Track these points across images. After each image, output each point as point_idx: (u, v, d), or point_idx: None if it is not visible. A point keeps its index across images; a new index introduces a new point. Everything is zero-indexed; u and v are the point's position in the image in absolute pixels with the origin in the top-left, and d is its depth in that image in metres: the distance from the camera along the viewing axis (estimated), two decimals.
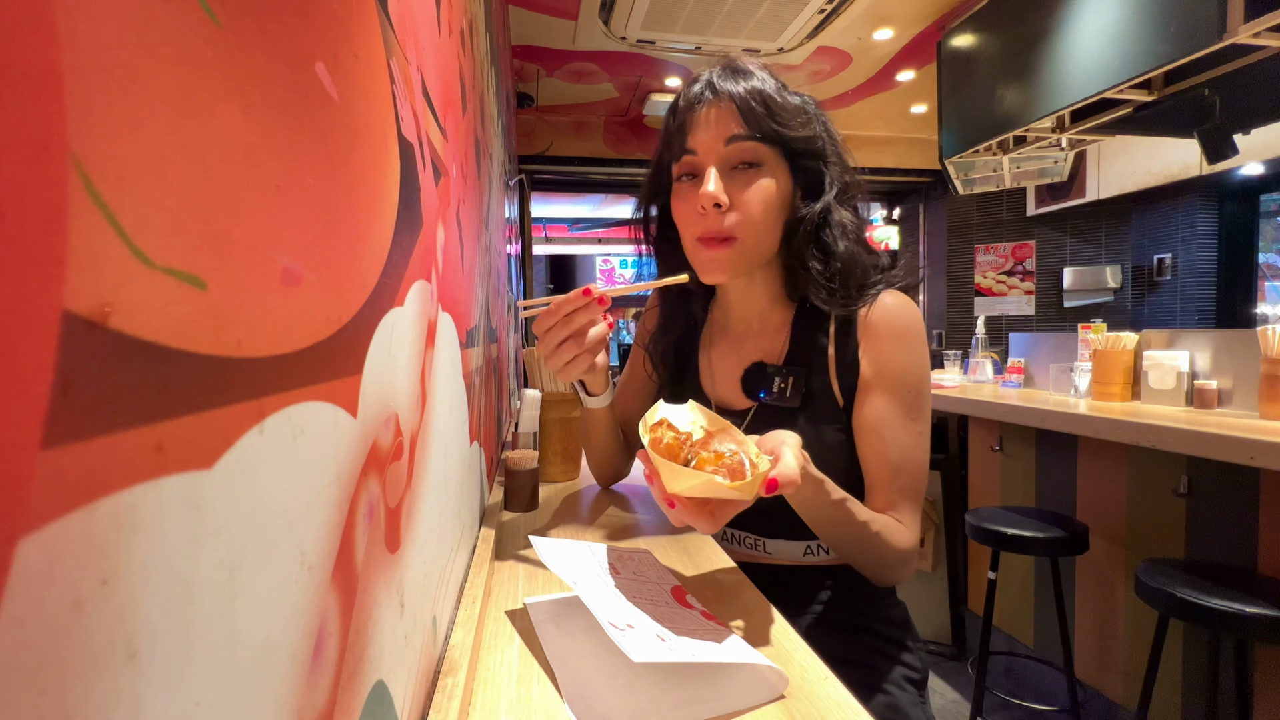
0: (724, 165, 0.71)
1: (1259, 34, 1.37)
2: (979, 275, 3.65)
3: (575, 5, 2.21)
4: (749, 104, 0.70)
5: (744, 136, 0.70)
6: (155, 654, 0.14)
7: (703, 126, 0.71)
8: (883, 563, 0.69)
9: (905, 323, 0.73)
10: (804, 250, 0.74)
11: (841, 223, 0.74)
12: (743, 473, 0.50)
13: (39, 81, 0.11)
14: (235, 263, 0.17)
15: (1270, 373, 1.41)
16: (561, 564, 0.55)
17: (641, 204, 0.84)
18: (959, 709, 1.94)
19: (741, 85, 0.70)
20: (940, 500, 2.29)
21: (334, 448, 0.24)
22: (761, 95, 0.70)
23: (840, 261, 0.73)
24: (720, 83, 0.71)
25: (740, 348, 0.82)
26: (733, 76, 0.72)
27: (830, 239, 0.74)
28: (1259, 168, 2.79)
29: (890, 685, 0.69)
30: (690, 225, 0.73)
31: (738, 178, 0.71)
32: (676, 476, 0.49)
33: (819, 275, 0.74)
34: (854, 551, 0.69)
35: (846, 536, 0.67)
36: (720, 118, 0.70)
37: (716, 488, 0.48)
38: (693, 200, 0.72)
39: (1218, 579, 1.24)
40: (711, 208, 0.70)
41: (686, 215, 0.73)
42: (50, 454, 0.11)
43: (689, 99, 0.73)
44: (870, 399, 0.72)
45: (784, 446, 0.53)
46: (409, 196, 0.38)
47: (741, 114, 0.70)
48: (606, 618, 0.46)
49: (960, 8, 2.25)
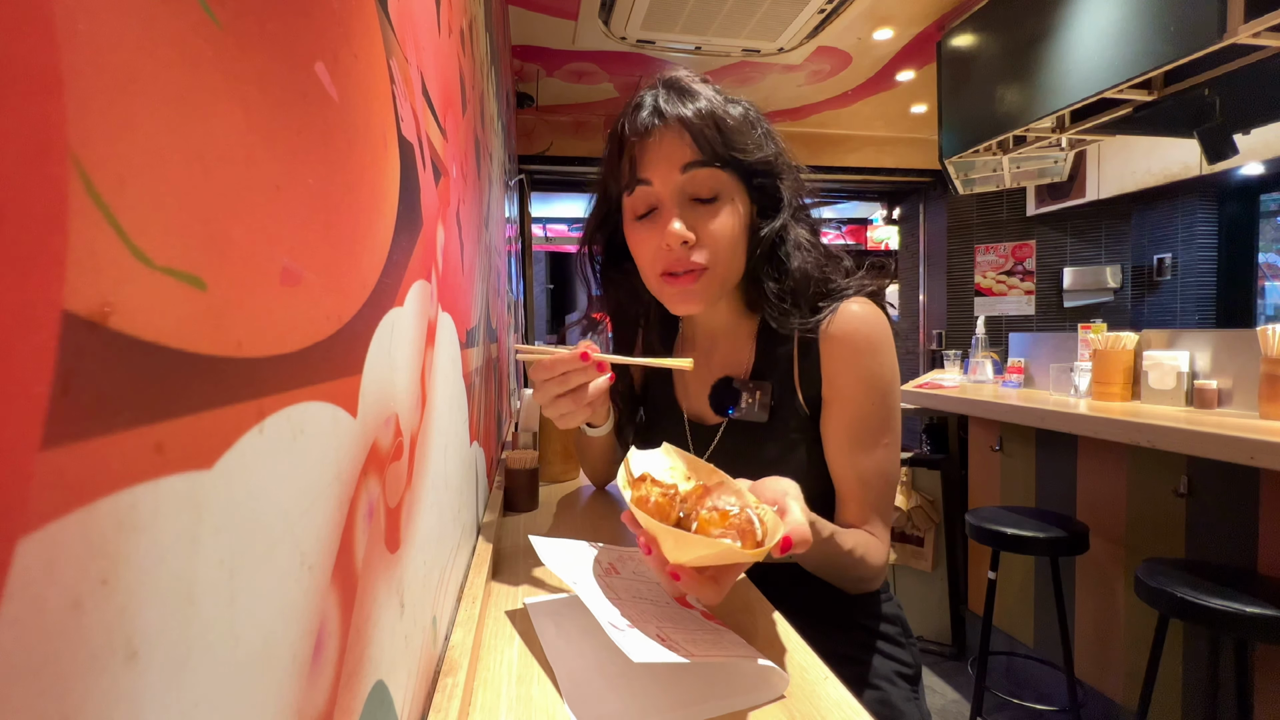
0: (682, 195, 0.68)
1: (1259, 34, 1.37)
2: (979, 275, 3.65)
3: (575, 5, 2.20)
4: (700, 129, 0.67)
5: (700, 163, 0.67)
6: (155, 654, 0.14)
7: (655, 155, 0.68)
8: (860, 579, 0.69)
9: (867, 334, 0.70)
10: (759, 269, 0.72)
11: (797, 240, 0.72)
12: (753, 532, 0.45)
13: (39, 81, 0.11)
14: (235, 263, 0.17)
15: (1270, 373, 1.41)
16: (561, 564, 0.55)
17: (589, 238, 0.80)
18: (959, 709, 1.94)
19: (690, 107, 0.67)
20: (940, 500, 2.29)
21: (334, 448, 0.24)
22: (713, 117, 0.67)
23: (794, 279, 0.71)
24: (667, 106, 0.67)
25: (709, 361, 0.80)
26: (678, 98, 0.68)
27: (785, 255, 0.72)
28: (1259, 168, 2.79)
29: (882, 681, 0.69)
30: (652, 261, 0.70)
31: (699, 209, 0.68)
32: (683, 546, 0.43)
33: (773, 295, 0.71)
34: (835, 574, 0.69)
35: (833, 565, 0.66)
36: (672, 145, 0.67)
37: (732, 554, 0.42)
38: (653, 236, 0.69)
39: (1218, 579, 1.24)
40: (678, 245, 0.67)
41: (648, 251, 0.70)
42: (50, 454, 0.11)
43: (636, 128, 0.68)
44: (836, 412, 0.71)
45: (788, 499, 0.49)
46: (409, 196, 0.38)
47: (694, 138, 0.67)
48: (606, 618, 0.45)
49: (960, 8, 2.25)
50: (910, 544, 2.32)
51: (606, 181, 0.74)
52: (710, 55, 2.56)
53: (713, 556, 0.43)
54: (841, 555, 0.64)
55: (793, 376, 0.73)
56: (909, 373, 3.85)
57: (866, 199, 4.37)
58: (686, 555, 0.43)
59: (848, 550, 0.64)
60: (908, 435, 3.41)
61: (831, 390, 0.71)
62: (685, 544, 0.43)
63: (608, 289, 0.82)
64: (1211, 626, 1.15)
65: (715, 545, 0.42)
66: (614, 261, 0.80)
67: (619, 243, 0.77)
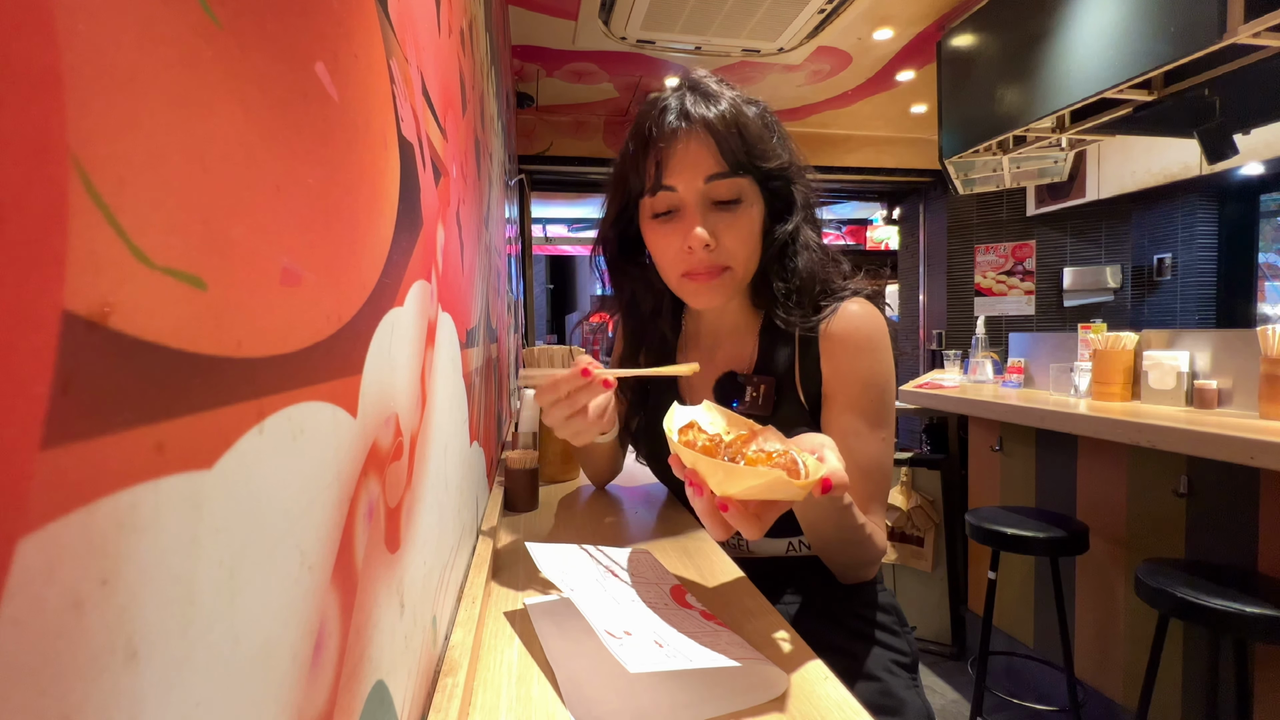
0: (704, 200, 0.71)
1: (1259, 34, 1.37)
2: (979, 275, 3.65)
3: (575, 5, 2.20)
4: (724, 137, 0.69)
5: (724, 174, 0.69)
6: (155, 654, 0.14)
7: (680, 161, 0.70)
8: (863, 562, 0.72)
9: (866, 333, 0.73)
10: (770, 268, 0.76)
11: (806, 241, 0.76)
12: (798, 470, 0.47)
13: (39, 81, 0.11)
14: (235, 263, 0.17)
15: (1270, 373, 1.41)
16: (557, 571, 0.54)
17: (606, 231, 0.82)
18: (959, 709, 1.94)
19: (714, 110, 0.69)
20: (940, 500, 2.29)
21: (334, 448, 0.24)
22: (736, 124, 0.70)
23: (800, 278, 0.75)
24: (693, 109, 0.70)
25: (713, 357, 0.83)
26: (704, 100, 0.70)
27: (794, 255, 0.75)
28: (1259, 168, 2.79)
29: (881, 671, 0.70)
30: (674, 262, 0.73)
31: (720, 214, 0.71)
32: (733, 478, 0.46)
33: (780, 293, 0.75)
34: (841, 552, 0.70)
35: (844, 541, 0.67)
36: (697, 153, 0.70)
37: (780, 485, 0.45)
38: (675, 238, 0.72)
39: (1218, 579, 1.24)
40: (701, 249, 0.70)
41: (670, 252, 0.73)
42: (50, 454, 0.11)
43: (663, 131, 0.71)
44: (834, 408, 0.74)
45: (826, 449, 0.52)
46: (409, 196, 0.38)
47: (719, 146, 0.69)
48: (603, 626, 0.45)
49: (960, 8, 2.25)
50: (910, 544, 2.31)
51: (627, 178, 0.75)
52: (710, 55, 2.56)
53: (762, 487, 0.45)
54: (856, 529, 0.66)
55: (794, 373, 0.76)
56: (909, 373, 3.85)
57: (866, 199, 4.37)
58: (736, 487, 0.46)
59: (860, 525, 0.66)
60: (908, 435, 3.41)
61: (831, 386, 0.74)
62: (735, 476, 0.46)
63: (622, 282, 0.85)
64: (1211, 626, 1.15)
65: (765, 475, 0.45)
66: (628, 255, 0.83)
67: (633, 236, 0.79)
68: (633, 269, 0.83)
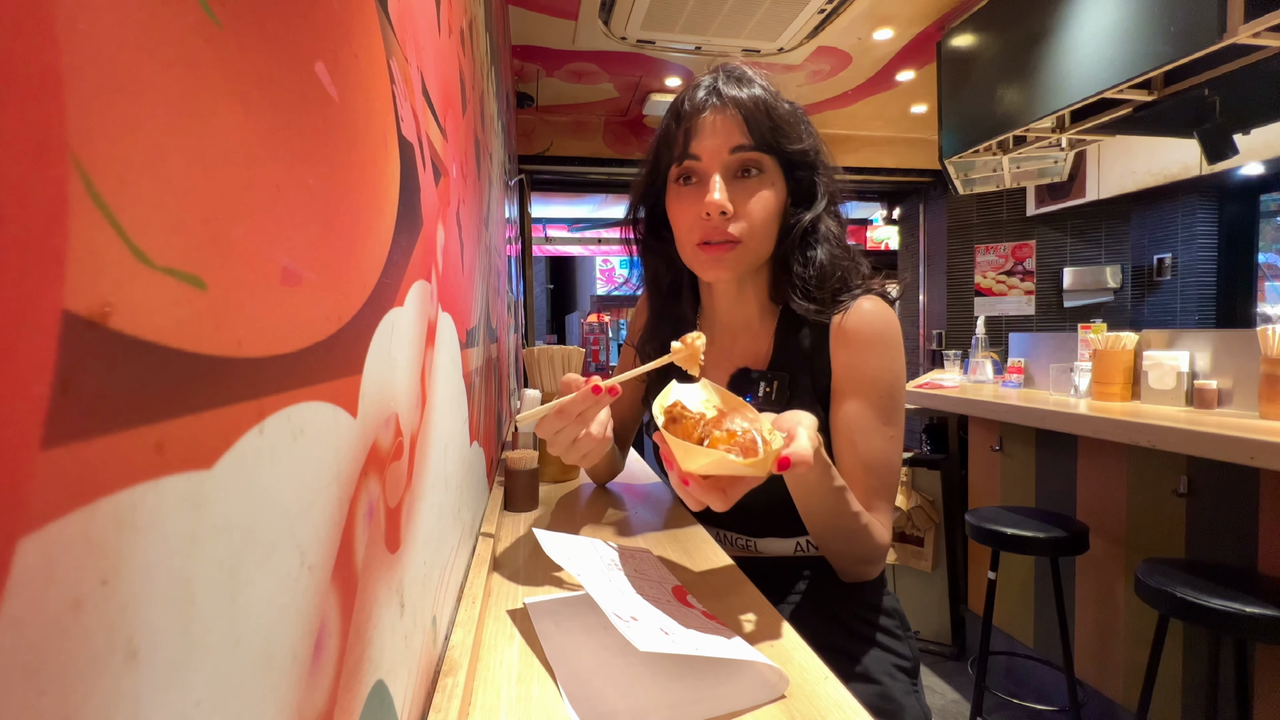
0: (726, 172, 0.72)
1: (1259, 34, 1.37)
2: (979, 275, 3.65)
3: (575, 5, 2.20)
4: (753, 113, 0.71)
5: (748, 147, 0.72)
6: (155, 654, 0.14)
7: (708, 133, 0.72)
8: (861, 558, 0.72)
9: (878, 329, 0.74)
10: (790, 257, 0.76)
11: (827, 233, 0.77)
12: (755, 450, 0.50)
13: (39, 81, 0.11)
14: (235, 263, 0.17)
15: (1270, 373, 1.41)
16: (564, 556, 0.55)
17: (635, 204, 0.85)
18: (959, 709, 1.94)
19: (745, 92, 0.72)
20: (940, 500, 2.29)
21: (334, 448, 0.24)
22: (765, 105, 0.72)
23: (818, 268, 0.76)
24: (725, 88, 0.73)
25: (730, 351, 0.83)
26: (736, 83, 0.73)
27: (814, 245, 0.76)
28: (1259, 168, 2.79)
29: (881, 674, 0.70)
30: (691, 230, 0.75)
31: (740, 185, 0.73)
32: (690, 455, 0.50)
33: (800, 281, 0.76)
34: (839, 543, 0.70)
35: (838, 528, 0.67)
36: (725, 126, 0.72)
37: (728, 465, 0.48)
38: (694, 205, 0.73)
39: (1218, 579, 1.24)
40: (717, 215, 0.71)
41: (687, 219, 0.75)
42: (50, 454, 0.11)
43: (694, 104, 0.74)
44: (844, 403, 0.74)
45: (799, 427, 0.53)
46: (409, 196, 0.38)
47: (746, 123, 0.71)
48: (612, 609, 0.46)
49: (960, 8, 2.25)
50: (910, 544, 2.32)
51: (659, 150, 0.78)
52: (710, 55, 2.56)
53: (712, 465, 0.49)
54: (849, 516, 0.66)
55: (808, 369, 0.77)
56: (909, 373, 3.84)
57: (866, 199, 4.36)
58: (693, 464, 0.50)
59: (854, 513, 0.66)
60: (908, 435, 3.40)
61: (840, 380, 0.75)
62: (691, 454, 0.50)
63: (646, 256, 0.88)
64: (1211, 626, 1.15)
65: (715, 455, 0.48)
66: (654, 231, 0.85)
67: (659, 213, 0.82)
68: (656, 244, 0.85)
